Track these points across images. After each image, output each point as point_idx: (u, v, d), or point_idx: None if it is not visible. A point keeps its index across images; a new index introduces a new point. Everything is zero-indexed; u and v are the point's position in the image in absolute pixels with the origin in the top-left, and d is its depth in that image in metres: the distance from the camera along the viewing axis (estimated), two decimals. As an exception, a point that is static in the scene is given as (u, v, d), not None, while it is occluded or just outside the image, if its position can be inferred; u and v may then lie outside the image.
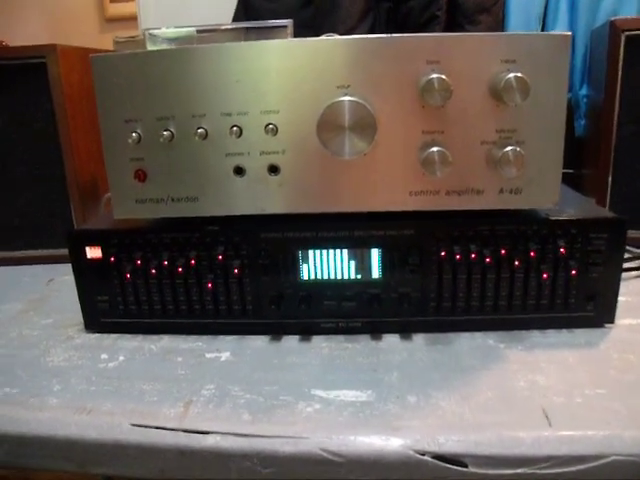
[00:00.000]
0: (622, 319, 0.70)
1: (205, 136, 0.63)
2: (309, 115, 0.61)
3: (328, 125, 0.60)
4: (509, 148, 0.59)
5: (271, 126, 0.62)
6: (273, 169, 0.64)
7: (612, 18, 0.97)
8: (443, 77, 0.57)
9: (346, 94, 0.60)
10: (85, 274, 0.72)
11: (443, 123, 0.61)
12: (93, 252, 0.71)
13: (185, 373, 0.64)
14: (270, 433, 0.53)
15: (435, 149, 0.59)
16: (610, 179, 1.03)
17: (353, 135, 0.60)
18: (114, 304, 0.72)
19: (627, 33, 0.94)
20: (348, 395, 0.58)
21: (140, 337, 0.73)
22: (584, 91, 1.23)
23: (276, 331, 0.71)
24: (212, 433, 0.53)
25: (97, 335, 0.74)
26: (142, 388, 0.61)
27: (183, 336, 0.72)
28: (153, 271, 0.69)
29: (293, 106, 0.62)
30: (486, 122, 0.61)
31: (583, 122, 1.23)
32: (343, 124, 0.59)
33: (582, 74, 1.23)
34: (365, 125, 0.60)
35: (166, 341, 0.72)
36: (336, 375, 0.62)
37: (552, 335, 0.68)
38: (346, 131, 0.59)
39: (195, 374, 0.63)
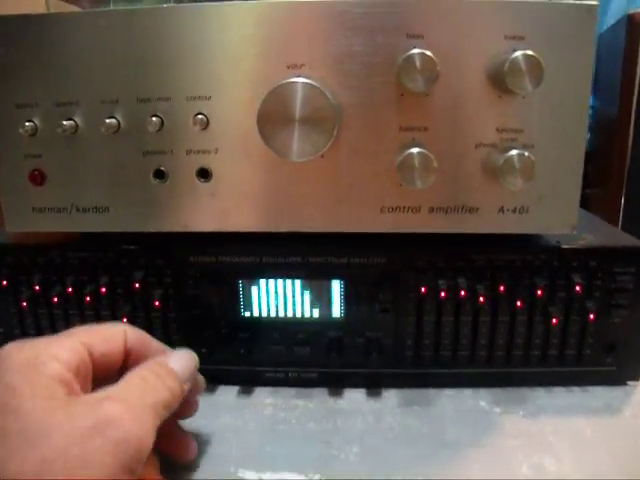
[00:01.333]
0: (649, 375, 0.56)
1: (117, 128, 0.48)
2: (249, 103, 0.46)
3: (272, 116, 0.45)
4: (514, 152, 0.44)
5: (200, 117, 0.47)
6: (203, 173, 0.49)
7: (630, 11, 0.83)
8: (427, 53, 0.43)
9: (299, 76, 0.45)
10: (-27, 300, 0.56)
11: (427, 117, 0.46)
12: (-18, 273, 0.55)
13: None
14: None
15: (415, 150, 0.45)
16: (623, 199, 0.89)
17: (305, 130, 0.45)
18: (11, 338, 0.57)
19: (647, 27, 0.80)
20: (287, 481, 0.43)
21: (44, 381, 0.57)
22: (590, 102, 1.09)
23: (210, 380, 0.55)
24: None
25: (-9, 376, 0.59)
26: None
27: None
28: (55, 299, 0.54)
29: (229, 91, 0.47)
30: (484, 118, 0.46)
31: (588, 136, 1.09)
32: (292, 115, 0.44)
33: (588, 84, 1.09)
34: (322, 117, 0.45)
35: (73, 388, 0.56)
36: (276, 448, 0.47)
37: (561, 395, 0.54)
38: (295, 124, 0.44)
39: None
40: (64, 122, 0.49)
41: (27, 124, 0.49)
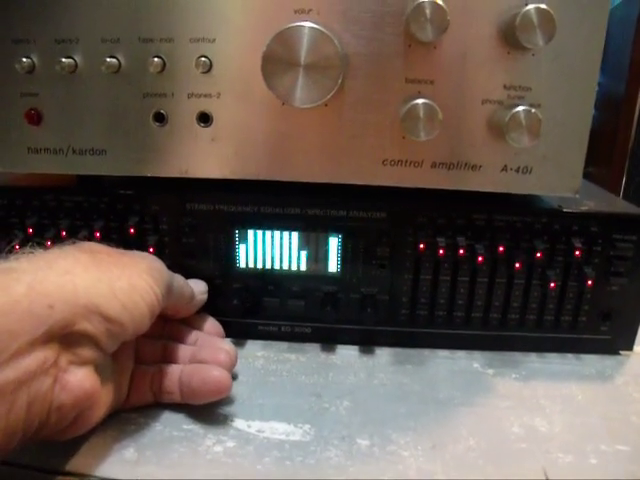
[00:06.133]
0: (641, 345, 0.56)
1: (118, 68, 0.47)
2: (254, 47, 0.45)
3: (277, 60, 0.44)
4: (521, 108, 0.43)
5: (203, 59, 0.46)
6: (204, 118, 0.48)
7: (644, -16, 0.81)
8: (438, 2, 0.41)
9: (306, 20, 0.44)
10: (-36, 241, 0.55)
11: (434, 70, 0.45)
12: (-26, 214, 0.55)
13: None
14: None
15: (420, 101, 0.44)
16: (625, 179, 0.88)
17: (310, 76, 0.44)
18: (2, 282, 0.56)
19: (662, 0, 0.79)
20: (277, 430, 0.43)
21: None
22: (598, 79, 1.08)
23: (202, 331, 0.55)
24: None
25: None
26: None
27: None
28: (49, 243, 0.53)
29: (234, 34, 0.46)
30: (492, 74, 0.45)
31: (593, 113, 1.07)
32: (297, 60, 0.43)
33: (597, 61, 1.08)
34: (328, 64, 0.44)
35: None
36: (267, 399, 0.46)
37: (554, 361, 0.54)
38: (300, 70, 0.43)
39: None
40: (63, 60, 0.47)
41: (24, 60, 0.48)
